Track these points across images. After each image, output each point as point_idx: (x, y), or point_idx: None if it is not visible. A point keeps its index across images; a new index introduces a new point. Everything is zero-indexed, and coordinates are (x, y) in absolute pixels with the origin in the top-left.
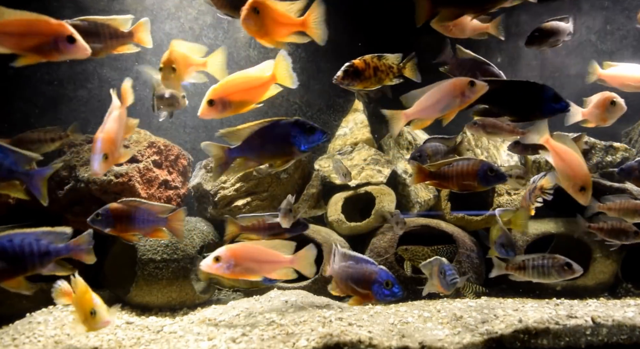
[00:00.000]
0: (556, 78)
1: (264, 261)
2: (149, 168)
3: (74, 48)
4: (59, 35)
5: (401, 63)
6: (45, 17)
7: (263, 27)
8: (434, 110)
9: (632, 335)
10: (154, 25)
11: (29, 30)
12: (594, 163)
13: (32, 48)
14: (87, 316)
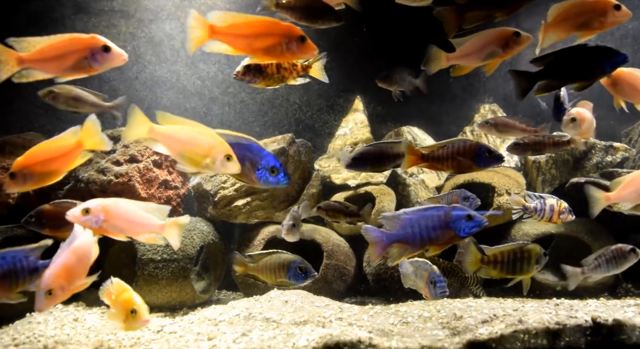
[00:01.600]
0: None
1: (134, 223)
2: (149, 168)
3: (111, 56)
4: (94, 47)
5: (306, 63)
6: (75, 34)
7: None
8: (477, 57)
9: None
10: (153, 24)
11: (65, 51)
12: (594, 163)
13: (70, 67)
14: (127, 315)
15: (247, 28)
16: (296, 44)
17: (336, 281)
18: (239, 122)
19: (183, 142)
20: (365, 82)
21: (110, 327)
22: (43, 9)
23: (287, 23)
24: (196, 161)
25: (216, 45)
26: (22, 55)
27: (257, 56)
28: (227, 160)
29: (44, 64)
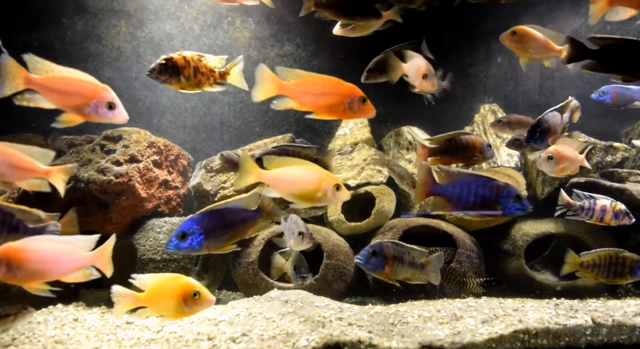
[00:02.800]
0: (556, 78)
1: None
2: (149, 168)
3: (112, 115)
4: (100, 100)
5: (224, 69)
6: (89, 78)
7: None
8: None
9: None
10: (153, 24)
11: (73, 90)
12: (594, 163)
13: (73, 107)
14: (187, 301)
15: (313, 86)
16: (357, 104)
17: (336, 281)
18: (239, 122)
19: (292, 182)
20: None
21: (110, 327)
22: (43, 9)
23: (350, 84)
24: (309, 197)
25: (283, 101)
26: (31, 76)
27: (320, 113)
28: (336, 189)
29: (49, 93)
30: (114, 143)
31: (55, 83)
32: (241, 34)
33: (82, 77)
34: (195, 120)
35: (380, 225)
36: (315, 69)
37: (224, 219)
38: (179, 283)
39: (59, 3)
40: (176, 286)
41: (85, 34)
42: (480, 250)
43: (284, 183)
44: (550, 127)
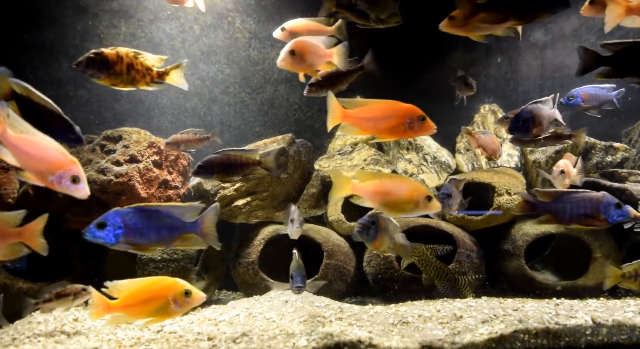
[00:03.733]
0: (556, 78)
1: None
2: (149, 168)
3: (74, 189)
4: (65, 171)
5: (163, 69)
6: (63, 150)
7: None
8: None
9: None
10: (153, 25)
11: (42, 156)
12: (594, 163)
13: (37, 172)
14: (177, 300)
15: (374, 111)
16: (417, 123)
17: (336, 281)
18: (239, 122)
19: (385, 194)
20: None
21: (110, 327)
22: (43, 9)
23: (409, 104)
24: (400, 208)
25: (348, 127)
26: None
27: (382, 136)
28: (428, 201)
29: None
30: (114, 143)
31: (27, 145)
32: (241, 34)
33: (54, 145)
34: (195, 120)
35: None
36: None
37: (150, 220)
38: (166, 284)
39: (58, 3)
40: (164, 287)
41: (85, 34)
42: (480, 250)
43: (377, 195)
44: (534, 118)
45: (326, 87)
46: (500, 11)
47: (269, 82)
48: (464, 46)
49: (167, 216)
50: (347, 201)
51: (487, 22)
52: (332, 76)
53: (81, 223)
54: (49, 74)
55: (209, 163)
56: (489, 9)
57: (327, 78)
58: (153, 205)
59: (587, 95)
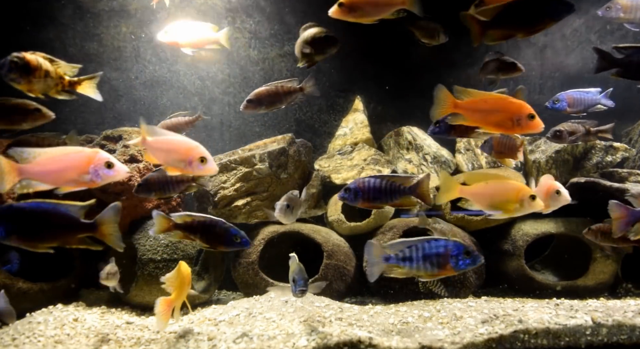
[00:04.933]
0: (556, 78)
1: None
2: (149, 168)
3: (114, 172)
4: (96, 163)
5: (75, 79)
6: (79, 148)
7: None
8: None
9: (632, 335)
10: (153, 24)
11: (66, 165)
12: (594, 163)
13: (72, 181)
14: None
15: (484, 104)
16: (525, 120)
17: (336, 281)
18: (239, 122)
19: (492, 196)
20: (365, 82)
21: (110, 327)
22: (43, 9)
23: (520, 101)
24: (508, 208)
25: (457, 117)
26: (23, 167)
27: (488, 128)
28: (532, 200)
29: (45, 177)
30: (114, 143)
31: (47, 165)
32: (241, 34)
33: (69, 150)
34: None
35: (380, 225)
36: (315, 69)
37: (43, 217)
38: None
39: (58, 3)
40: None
41: (85, 34)
42: (480, 249)
43: (484, 196)
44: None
45: (264, 104)
46: (507, 26)
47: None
48: (464, 46)
49: (61, 215)
50: None
51: (496, 39)
52: (272, 94)
53: None
54: None
55: (146, 182)
56: (496, 26)
57: (266, 96)
58: (51, 202)
59: (572, 99)
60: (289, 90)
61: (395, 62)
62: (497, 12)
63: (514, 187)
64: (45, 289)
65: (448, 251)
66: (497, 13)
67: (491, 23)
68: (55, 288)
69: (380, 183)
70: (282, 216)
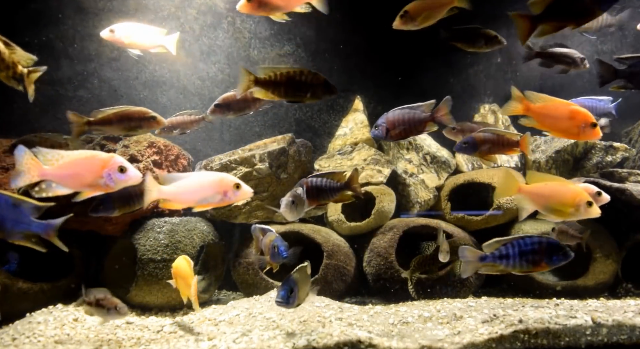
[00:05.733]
0: (556, 78)
1: None
2: (149, 168)
3: (126, 177)
4: (110, 168)
5: (27, 68)
6: (96, 152)
7: None
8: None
9: (632, 335)
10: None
11: (83, 168)
12: (594, 163)
13: (88, 185)
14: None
15: (555, 110)
16: (589, 128)
17: (336, 281)
18: (239, 122)
19: (549, 198)
20: (365, 82)
21: (110, 327)
22: (43, 9)
23: (585, 110)
24: (563, 212)
25: (528, 120)
26: (45, 168)
27: (555, 133)
28: (588, 206)
29: (64, 180)
30: (114, 143)
31: (65, 169)
32: (241, 34)
33: (84, 154)
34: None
35: (380, 225)
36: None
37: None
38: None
39: (58, 3)
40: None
41: (85, 34)
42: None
43: (542, 197)
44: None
45: (233, 110)
46: (557, 19)
47: None
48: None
49: (14, 208)
50: None
51: (548, 32)
52: (240, 100)
53: (81, 223)
54: (49, 74)
55: (108, 199)
56: (547, 18)
57: (235, 101)
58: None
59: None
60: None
61: (396, 61)
62: (547, 4)
63: (573, 191)
64: (45, 289)
65: (543, 247)
66: (547, 5)
67: (542, 16)
68: (55, 288)
69: (322, 181)
70: (287, 211)
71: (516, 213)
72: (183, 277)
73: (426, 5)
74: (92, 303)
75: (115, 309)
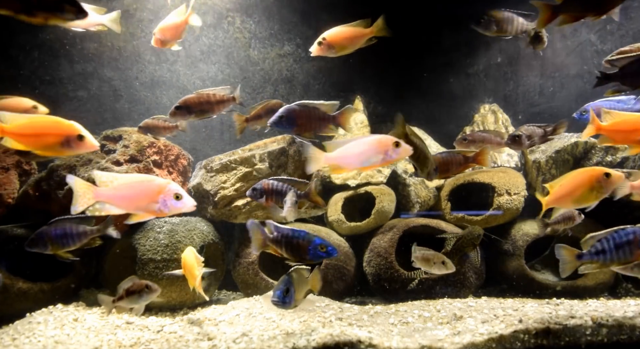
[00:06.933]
0: (556, 78)
1: None
2: (149, 168)
3: (182, 205)
4: (166, 194)
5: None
6: (153, 177)
7: None
8: (570, 199)
9: (632, 335)
10: (153, 24)
11: (139, 192)
12: (594, 163)
13: (142, 208)
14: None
15: (624, 124)
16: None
17: (336, 281)
18: None
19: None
20: (365, 82)
21: (110, 327)
22: None
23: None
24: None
25: (602, 138)
26: (99, 190)
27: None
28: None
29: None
30: (114, 143)
31: (121, 191)
32: (241, 34)
33: (142, 178)
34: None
35: (380, 225)
36: (315, 69)
37: None
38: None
39: None
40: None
41: (85, 34)
42: (481, 250)
43: (565, 197)
44: (296, 116)
45: (194, 112)
46: (579, 8)
47: (269, 82)
48: (465, 46)
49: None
50: (347, 201)
51: (568, 21)
52: (203, 102)
53: None
54: (49, 74)
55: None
56: (568, 8)
57: (197, 104)
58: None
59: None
60: (221, 99)
61: (395, 62)
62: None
63: (585, 173)
64: (45, 289)
65: (637, 237)
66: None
67: (562, 5)
68: (55, 288)
69: (282, 186)
70: (291, 213)
71: (516, 213)
72: (190, 268)
73: (345, 35)
74: (122, 297)
75: (147, 289)
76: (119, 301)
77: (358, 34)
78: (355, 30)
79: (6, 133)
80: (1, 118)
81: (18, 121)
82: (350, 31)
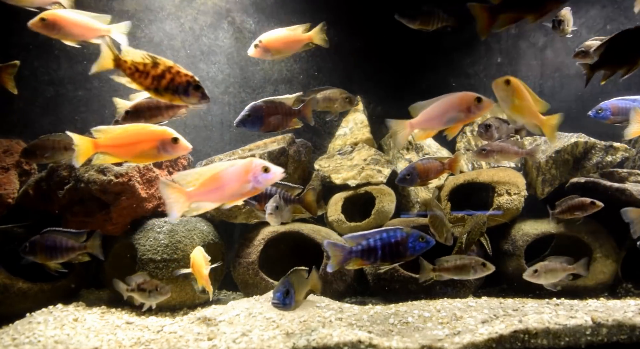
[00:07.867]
0: (556, 78)
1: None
2: (149, 168)
3: (273, 176)
4: (255, 172)
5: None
6: (232, 162)
7: None
8: (439, 122)
9: (632, 335)
10: (153, 25)
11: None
12: (594, 163)
13: (238, 195)
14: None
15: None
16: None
17: (336, 281)
18: None
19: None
20: (365, 82)
21: (110, 327)
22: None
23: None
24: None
25: None
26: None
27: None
28: (478, 102)
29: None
30: None
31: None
32: (241, 34)
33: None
34: (196, 120)
35: (381, 225)
36: (315, 69)
37: None
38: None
39: None
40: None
41: None
42: (480, 249)
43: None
44: (263, 113)
45: (144, 117)
46: (516, 10)
47: (269, 82)
48: (465, 46)
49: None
50: (347, 201)
51: (505, 24)
52: (152, 107)
53: (81, 223)
54: (49, 74)
55: (33, 243)
56: (506, 9)
57: (147, 109)
58: None
59: (616, 108)
60: (172, 104)
61: (395, 62)
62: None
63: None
64: (45, 289)
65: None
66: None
67: (501, 7)
68: (55, 288)
69: (275, 191)
70: (272, 218)
71: (516, 213)
72: (199, 267)
73: (281, 39)
74: (134, 289)
75: (157, 290)
76: (131, 292)
77: (295, 38)
78: (292, 35)
79: (100, 147)
80: (94, 133)
81: (110, 133)
82: (286, 36)
